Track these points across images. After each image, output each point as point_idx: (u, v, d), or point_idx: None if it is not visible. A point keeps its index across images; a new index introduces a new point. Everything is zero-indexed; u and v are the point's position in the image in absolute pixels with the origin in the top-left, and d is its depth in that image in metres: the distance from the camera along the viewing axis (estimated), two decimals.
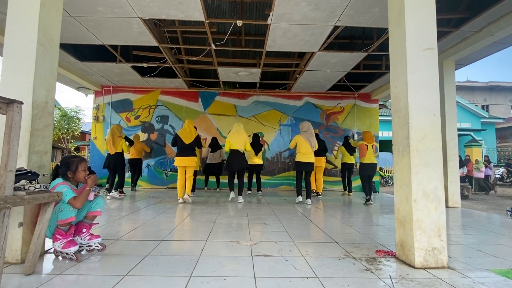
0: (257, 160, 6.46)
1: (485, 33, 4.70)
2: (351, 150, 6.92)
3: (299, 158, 5.37)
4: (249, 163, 6.15)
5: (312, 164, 5.41)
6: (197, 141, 5.35)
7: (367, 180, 5.71)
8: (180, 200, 5.19)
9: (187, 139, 5.19)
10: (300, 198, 5.48)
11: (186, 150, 5.18)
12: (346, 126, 8.73)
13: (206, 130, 8.38)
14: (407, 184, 2.26)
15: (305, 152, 5.32)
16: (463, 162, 10.86)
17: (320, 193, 6.65)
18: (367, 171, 5.64)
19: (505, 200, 8.31)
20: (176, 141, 5.25)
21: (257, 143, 6.47)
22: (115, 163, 5.84)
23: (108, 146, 5.87)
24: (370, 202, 5.53)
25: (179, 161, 5.20)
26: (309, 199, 5.43)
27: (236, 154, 5.45)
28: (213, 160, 7.25)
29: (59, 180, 2.22)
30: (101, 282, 1.77)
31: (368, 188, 5.68)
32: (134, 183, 7.29)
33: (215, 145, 7.31)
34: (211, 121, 8.52)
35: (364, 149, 5.63)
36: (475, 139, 18.60)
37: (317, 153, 5.77)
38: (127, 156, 6.54)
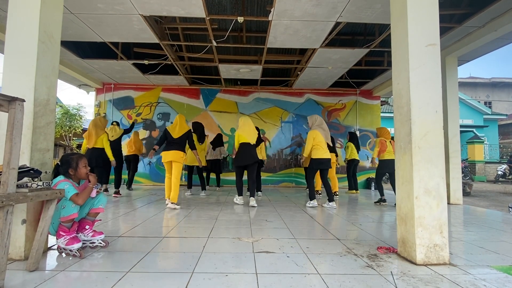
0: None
1: (488, 29, 4.66)
2: (358, 147, 6.88)
3: (319, 154, 4.78)
4: None
5: (329, 160, 4.90)
6: (187, 137, 4.84)
7: (389, 178, 5.31)
8: (167, 201, 4.59)
9: (175, 133, 4.75)
10: (315, 203, 4.79)
11: (172, 144, 4.73)
12: (348, 123, 8.71)
13: (208, 127, 8.33)
14: (409, 181, 2.26)
15: (324, 147, 4.83)
16: None
17: (337, 192, 6.14)
18: (387, 168, 5.18)
19: (507, 197, 8.29)
20: (166, 136, 4.77)
21: (257, 137, 6.01)
22: (99, 159, 5.21)
23: (89, 139, 5.24)
24: (385, 202, 5.19)
25: (164, 156, 4.70)
26: (333, 202, 4.79)
27: (246, 147, 4.90)
28: (212, 157, 6.97)
29: (61, 177, 2.23)
30: (104, 278, 1.79)
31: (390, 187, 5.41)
32: (129, 182, 6.88)
33: (217, 142, 7.07)
34: (213, 118, 8.52)
35: (384, 145, 5.19)
36: (477, 135, 18.54)
37: (330, 149, 5.31)
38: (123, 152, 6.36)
